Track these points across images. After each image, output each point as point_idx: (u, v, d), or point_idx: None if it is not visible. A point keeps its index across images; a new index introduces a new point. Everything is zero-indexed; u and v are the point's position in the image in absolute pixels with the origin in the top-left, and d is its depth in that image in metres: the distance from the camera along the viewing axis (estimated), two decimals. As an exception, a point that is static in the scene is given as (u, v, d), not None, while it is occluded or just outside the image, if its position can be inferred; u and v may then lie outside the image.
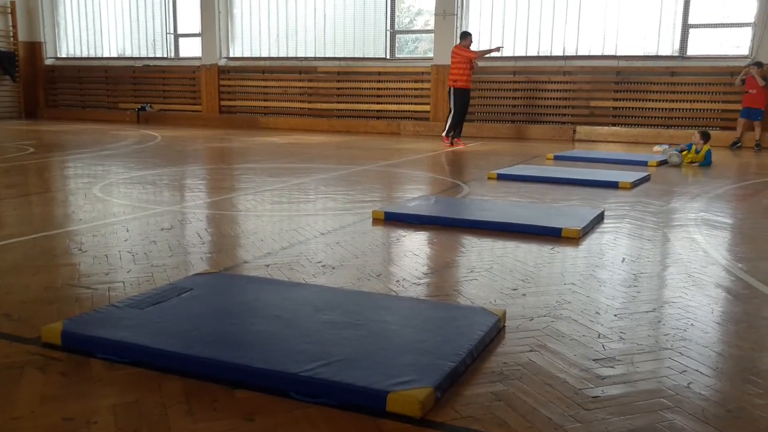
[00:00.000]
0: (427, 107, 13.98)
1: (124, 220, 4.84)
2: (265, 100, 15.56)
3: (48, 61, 17.95)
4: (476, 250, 4.11)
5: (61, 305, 2.98)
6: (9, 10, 17.16)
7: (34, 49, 17.78)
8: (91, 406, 2.06)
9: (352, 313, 2.77)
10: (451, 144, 11.18)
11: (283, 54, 15.45)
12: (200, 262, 3.75)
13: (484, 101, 13.50)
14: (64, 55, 18.09)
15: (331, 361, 2.26)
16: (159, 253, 3.91)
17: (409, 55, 14.82)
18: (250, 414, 2.03)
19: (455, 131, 11.28)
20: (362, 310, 2.83)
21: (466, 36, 11.23)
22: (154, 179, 7.03)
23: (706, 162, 8.90)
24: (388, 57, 14.51)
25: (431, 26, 14.06)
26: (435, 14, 13.61)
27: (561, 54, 13.15)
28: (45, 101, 18.02)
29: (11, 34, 17.31)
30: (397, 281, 3.43)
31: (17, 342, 2.55)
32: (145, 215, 5.03)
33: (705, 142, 9.01)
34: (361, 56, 14.69)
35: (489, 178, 7.20)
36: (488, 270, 3.64)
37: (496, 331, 2.67)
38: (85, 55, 17.89)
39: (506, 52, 12.87)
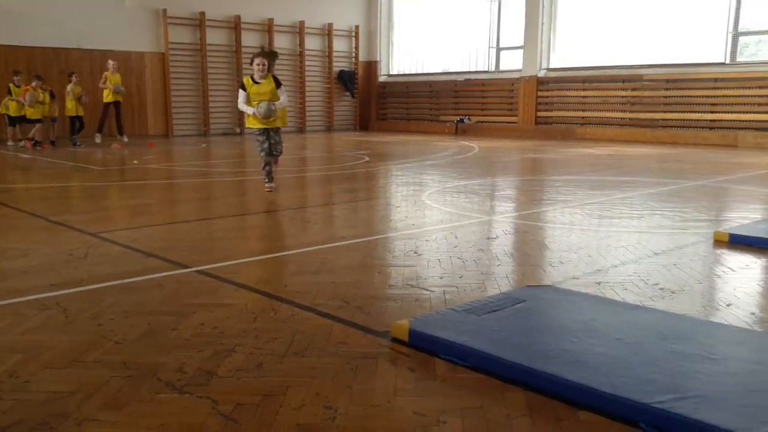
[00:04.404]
0: (773, 117, 12.31)
1: (452, 227, 5.06)
2: (583, 110, 15.18)
3: (381, 78, 19.83)
4: None
5: (403, 303, 3.19)
6: (353, 34, 19.37)
7: (371, 67, 19.79)
8: (439, 406, 2.14)
9: (706, 345, 2.49)
10: None
11: (605, 63, 14.92)
12: (528, 273, 3.73)
13: None
14: (394, 72, 19.82)
15: (686, 396, 2.04)
16: (487, 261, 3.99)
17: (752, 59, 13.18)
18: (598, 441, 1.93)
19: None
20: (717, 343, 2.52)
21: None
22: (475, 189, 7.27)
23: None
24: (727, 62, 13.10)
25: (782, 24, 12.35)
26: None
27: None
28: (376, 114, 19.94)
29: (353, 54, 19.50)
30: (753, 314, 3.00)
31: (370, 334, 2.78)
32: (470, 223, 5.20)
33: None
34: (695, 62, 13.49)
35: None
36: None
37: None
38: (412, 71, 19.38)
39: None
